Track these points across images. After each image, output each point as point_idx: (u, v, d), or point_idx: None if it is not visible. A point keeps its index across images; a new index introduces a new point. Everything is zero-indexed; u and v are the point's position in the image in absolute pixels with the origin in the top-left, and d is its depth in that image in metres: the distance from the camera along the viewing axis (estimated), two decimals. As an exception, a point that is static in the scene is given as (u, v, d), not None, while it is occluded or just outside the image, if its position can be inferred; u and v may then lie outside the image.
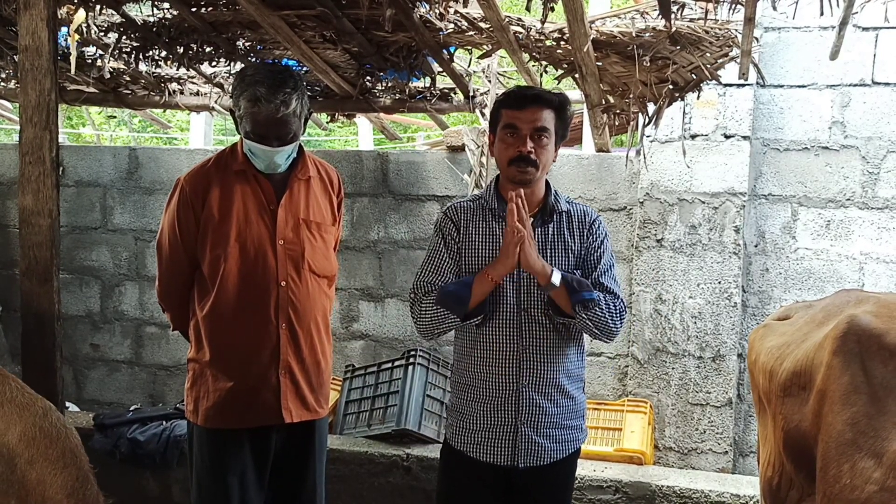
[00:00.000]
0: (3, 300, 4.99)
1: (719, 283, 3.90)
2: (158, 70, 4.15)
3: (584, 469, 3.49)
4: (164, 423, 3.79)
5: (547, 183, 2.40)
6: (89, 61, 3.98)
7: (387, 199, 4.59)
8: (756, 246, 4.05)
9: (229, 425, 2.51)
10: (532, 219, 2.32)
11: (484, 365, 2.31)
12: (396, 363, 3.89)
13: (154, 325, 4.96)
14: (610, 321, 2.30)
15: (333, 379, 3.75)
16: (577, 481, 3.42)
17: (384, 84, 3.91)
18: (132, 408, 4.11)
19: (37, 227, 2.36)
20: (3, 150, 5.24)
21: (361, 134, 8.20)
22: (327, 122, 4.88)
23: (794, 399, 2.08)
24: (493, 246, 2.33)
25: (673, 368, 3.97)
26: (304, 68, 3.63)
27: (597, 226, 2.41)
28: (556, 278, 2.22)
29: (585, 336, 2.41)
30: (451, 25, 3.06)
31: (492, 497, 2.34)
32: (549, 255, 2.32)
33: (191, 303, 2.59)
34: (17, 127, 2.51)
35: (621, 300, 2.38)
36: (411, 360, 3.80)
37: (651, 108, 3.22)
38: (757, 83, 3.87)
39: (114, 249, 5.00)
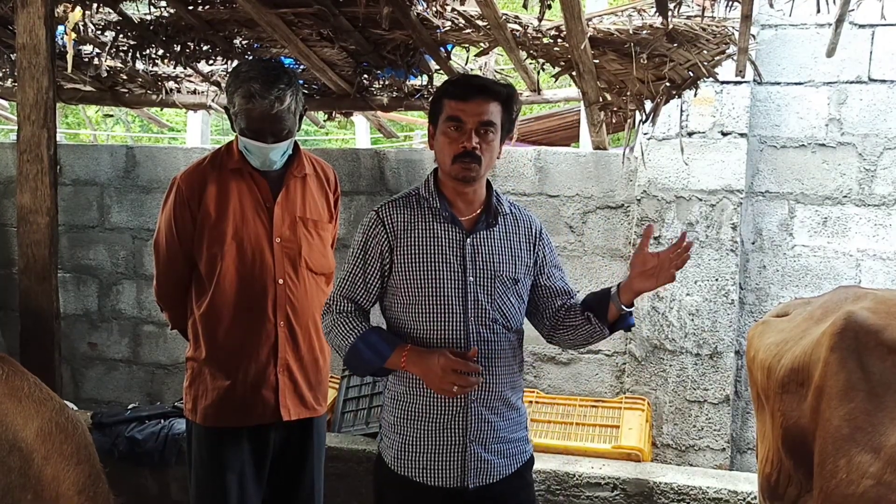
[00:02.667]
0: (1, 299, 4.98)
1: (717, 280, 3.91)
2: (155, 68, 4.14)
3: (581, 466, 3.50)
4: (161, 421, 3.79)
5: (488, 182, 2.23)
6: (86, 60, 3.97)
7: (384, 198, 4.57)
8: (753, 243, 4.06)
9: (228, 424, 2.51)
10: (476, 222, 2.18)
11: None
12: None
13: (152, 324, 4.95)
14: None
15: (331, 377, 3.74)
16: (574, 478, 3.43)
17: (381, 82, 3.91)
18: (130, 406, 4.11)
19: (35, 225, 2.36)
20: (0, 149, 5.23)
21: (358, 132, 8.22)
22: (324, 121, 4.88)
23: (792, 395, 2.08)
24: (435, 249, 2.13)
25: (670, 366, 3.98)
26: (301, 66, 3.62)
27: (544, 235, 2.29)
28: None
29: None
30: (449, 23, 3.06)
31: None
32: (496, 261, 2.16)
33: (188, 301, 2.59)
34: (15, 126, 2.51)
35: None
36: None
37: (648, 105, 3.22)
38: (754, 80, 3.88)
39: (111, 248, 4.99)
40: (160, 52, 3.70)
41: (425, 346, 2.11)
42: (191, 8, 3.23)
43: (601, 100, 3.34)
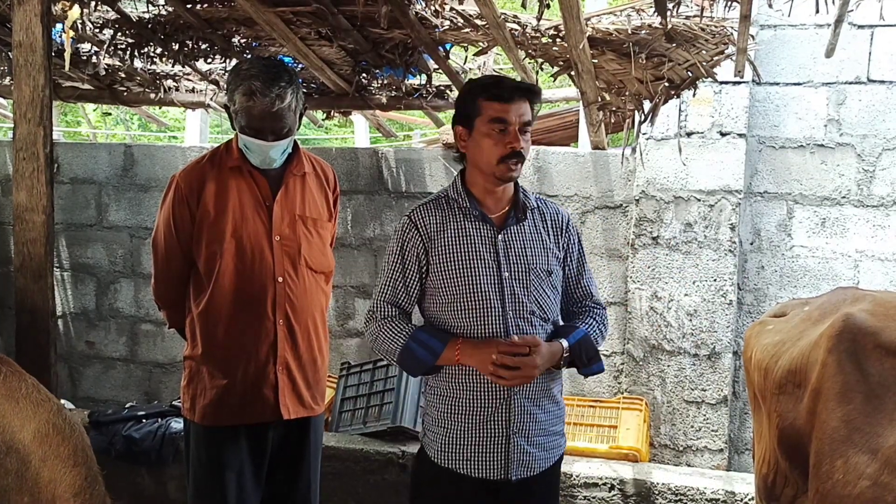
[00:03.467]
0: (-2, 297, 4.98)
1: (715, 280, 3.91)
2: (153, 67, 4.14)
3: (579, 466, 3.50)
4: (159, 420, 3.79)
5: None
6: (84, 58, 3.97)
7: (383, 197, 4.59)
8: (752, 244, 4.06)
9: (226, 422, 2.50)
10: (506, 218, 2.24)
11: (472, 375, 2.16)
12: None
13: (149, 323, 4.95)
14: (601, 341, 2.29)
15: (329, 376, 3.74)
16: (572, 478, 3.43)
17: (380, 81, 3.91)
18: (127, 405, 4.10)
19: (31, 223, 2.36)
20: (-3, 146, 5.23)
21: (357, 132, 8.20)
22: (323, 120, 4.88)
23: (788, 396, 2.08)
24: (469, 248, 2.19)
25: (668, 366, 3.98)
26: (300, 65, 3.62)
27: (571, 227, 2.35)
28: (566, 356, 2.19)
29: None
30: (447, 22, 3.06)
31: None
32: (529, 254, 2.22)
33: (187, 300, 2.58)
34: (12, 124, 2.50)
35: (603, 307, 2.36)
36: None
37: (647, 105, 3.22)
38: (753, 81, 3.88)
39: (109, 247, 4.99)
40: (158, 50, 3.70)
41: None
42: (189, 6, 3.22)
43: (600, 100, 3.34)
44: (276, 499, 2.61)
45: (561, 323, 2.32)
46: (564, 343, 2.18)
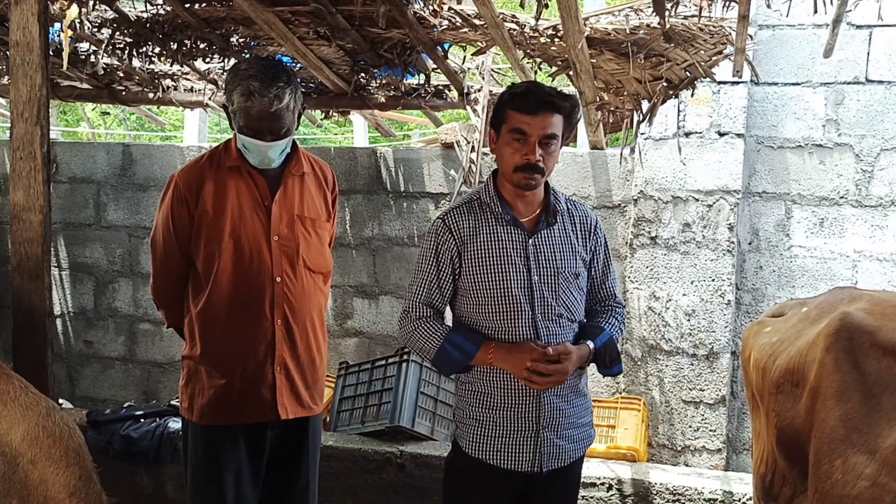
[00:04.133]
0: (-4, 297, 4.97)
1: (713, 280, 3.91)
2: (152, 66, 4.13)
3: (577, 466, 3.49)
4: (157, 419, 3.78)
5: (545, 181, 2.31)
6: (83, 57, 3.96)
7: (381, 197, 4.59)
8: (750, 244, 4.06)
9: (224, 422, 2.50)
10: (537, 222, 2.28)
11: (503, 373, 2.22)
12: (390, 360, 3.88)
13: (148, 322, 4.94)
14: (618, 340, 2.37)
15: (327, 376, 3.74)
16: (570, 478, 3.43)
17: (378, 81, 3.90)
18: (126, 405, 4.10)
19: (27, 223, 2.35)
20: (-5, 146, 5.22)
21: (356, 131, 8.21)
22: (322, 119, 4.88)
23: (787, 396, 2.08)
24: (500, 252, 2.24)
25: (666, 366, 3.98)
26: (299, 65, 3.62)
27: (599, 229, 2.39)
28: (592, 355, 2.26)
29: None
30: (446, 22, 3.06)
31: (509, 503, 2.30)
32: (558, 258, 2.26)
33: (185, 299, 2.58)
34: (9, 123, 2.50)
35: (623, 306, 2.43)
36: (405, 357, 3.79)
37: (645, 105, 3.22)
38: (751, 81, 3.88)
39: (107, 246, 4.98)
40: (157, 49, 3.70)
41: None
42: (187, 5, 3.22)
43: (598, 99, 3.34)
44: (275, 498, 2.61)
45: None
46: (591, 345, 2.25)
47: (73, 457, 1.79)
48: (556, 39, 2.92)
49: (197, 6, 3.24)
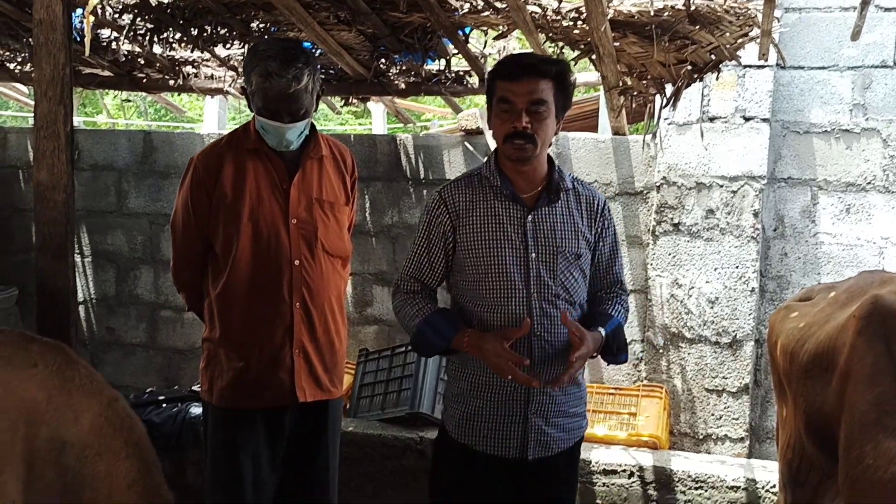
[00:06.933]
0: (20, 284, 5.00)
1: (737, 267, 3.86)
2: (172, 53, 4.14)
3: (598, 453, 3.48)
4: (178, 405, 3.80)
5: (549, 158, 2.26)
6: (104, 44, 3.97)
7: (401, 184, 4.57)
8: (775, 230, 4.01)
9: (243, 405, 2.51)
10: (538, 199, 2.21)
11: None
12: (410, 347, 3.87)
13: (169, 309, 4.97)
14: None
15: (347, 363, 3.74)
16: (591, 465, 3.41)
17: (399, 67, 3.88)
18: (147, 390, 4.12)
19: (51, 202, 2.34)
20: (18, 133, 5.26)
21: (375, 121, 8.19)
22: (341, 106, 4.86)
23: (815, 381, 2.04)
24: (497, 228, 2.17)
25: (689, 354, 3.94)
26: (319, 50, 3.60)
27: (607, 211, 2.30)
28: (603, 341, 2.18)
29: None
30: (467, 5, 3.02)
31: (496, 490, 2.21)
32: (558, 236, 2.18)
33: (204, 282, 2.59)
34: (33, 111, 2.50)
35: (628, 294, 2.36)
36: (425, 343, 3.78)
37: (669, 89, 3.17)
38: (777, 64, 3.81)
39: (129, 233, 5.01)
40: (177, 35, 3.70)
41: (490, 322, 2.16)
42: (208, -10, 3.22)
43: (621, 84, 3.29)
44: (295, 482, 2.61)
45: (587, 307, 2.30)
46: (602, 332, 2.17)
47: (133, 448, 1.76)
48: (579, 22, 2.87)
49: (217, -10, 3.24)
